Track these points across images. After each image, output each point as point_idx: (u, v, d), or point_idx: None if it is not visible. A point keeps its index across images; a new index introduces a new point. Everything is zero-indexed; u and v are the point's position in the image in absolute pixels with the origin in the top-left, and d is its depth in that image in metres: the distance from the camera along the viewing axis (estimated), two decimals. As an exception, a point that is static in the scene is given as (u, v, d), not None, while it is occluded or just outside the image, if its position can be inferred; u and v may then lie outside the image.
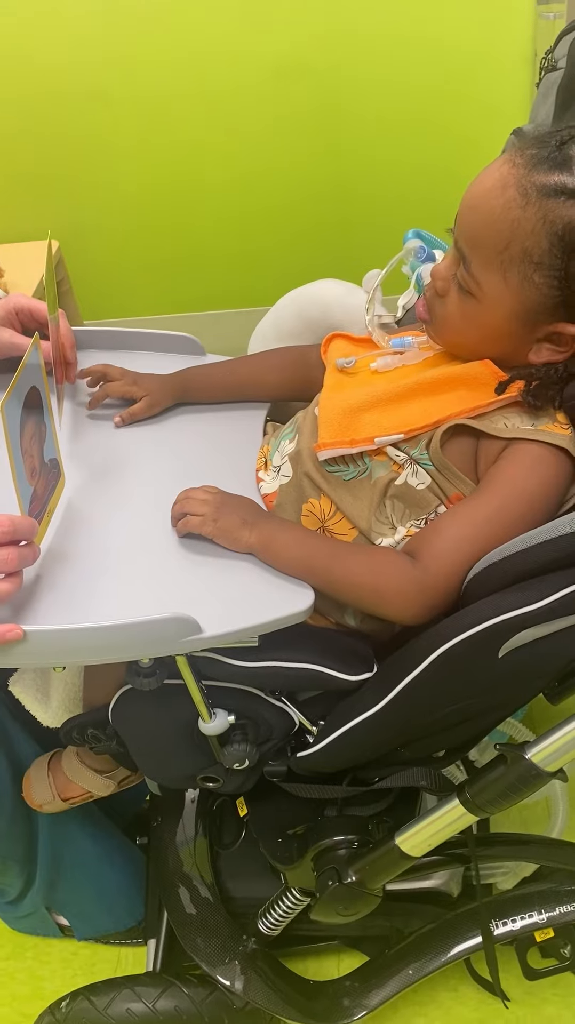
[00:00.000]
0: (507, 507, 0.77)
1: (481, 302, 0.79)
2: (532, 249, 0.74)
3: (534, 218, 0.73)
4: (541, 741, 0.79)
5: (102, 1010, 1.02)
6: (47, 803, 1.06)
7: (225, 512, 0.81)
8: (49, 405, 0.80)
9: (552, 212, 0.73)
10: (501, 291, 0.77)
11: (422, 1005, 1.29)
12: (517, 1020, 1.27)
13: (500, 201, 0.75)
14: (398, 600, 0.78)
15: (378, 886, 0.91)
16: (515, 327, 0.79)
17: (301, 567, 0.80)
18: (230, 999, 1.05)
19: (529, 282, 0.76)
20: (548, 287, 0.75)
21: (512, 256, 0.75)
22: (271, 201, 2.10)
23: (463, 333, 0.82)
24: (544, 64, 1.09)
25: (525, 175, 0.74)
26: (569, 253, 0.73)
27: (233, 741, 0.86)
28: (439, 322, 0.84)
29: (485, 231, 0.76)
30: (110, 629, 0.72)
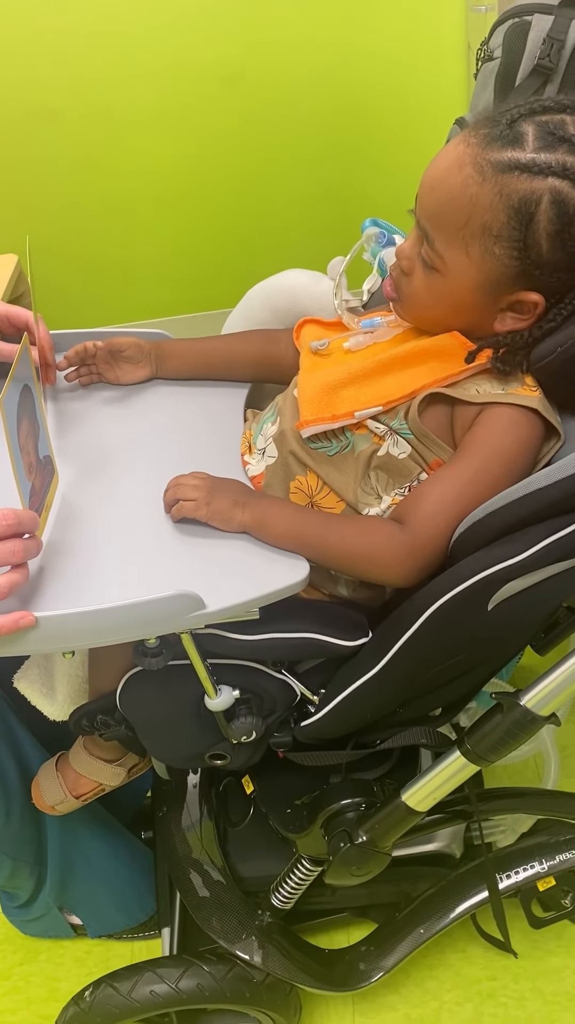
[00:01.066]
0: (486, 468, 0.81)
1: (446, 277, 0.83)
2: (491, 223, 0.79)
3: (491, 193, 0.78)
4: (533, 687, 0.83)
5: (126, 995, 1.04)
6: (60, 803, 1.08)
7: (217, 495, 0.84)
8: (41, 403, 0.83)
9: (508, 187, 0.77)
10: (464, 265, 0.82)
11: (432, 968, 1.33)
12: (525, 974, 1.32)
13: (458, 179, 0.79)
14: (390, 564, 0.82)
15: (388, 844, 0.95)
16: (480, 298, 0.83)
17: (294, 541, 0.83)
18: (250, 973, 1.08)
19: (490, 254, 0.80)
20: (508, 258, 0.80)
21: (473, 231, 0.80)
22: (221, 207, 2.14)
23: (430, 308, 0.87)
24: (480, 55, 1.14)
25: (480, 153, 0.78)
26: (526, 224, 0.78)
27: (239, 715, 0.89)
28: (407, 299, 0.88)
29: (446, 209, 0.80)
30: (118, 610, 0.74)
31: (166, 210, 2.13)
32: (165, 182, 2.08)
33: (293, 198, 2.13)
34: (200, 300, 2.23)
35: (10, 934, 1.42)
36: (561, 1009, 1.27)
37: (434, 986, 1.31)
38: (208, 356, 1.04)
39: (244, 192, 2.11)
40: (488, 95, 1.10)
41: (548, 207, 0.77)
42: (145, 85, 1.95)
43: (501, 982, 1.31)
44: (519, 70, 1.06)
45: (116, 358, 1.01)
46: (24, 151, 2.00)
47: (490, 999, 1.29)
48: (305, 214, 2.14)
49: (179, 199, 2.12)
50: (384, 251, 1.04)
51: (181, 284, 2.24)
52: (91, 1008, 1.06)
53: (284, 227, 2.16)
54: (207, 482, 0.85)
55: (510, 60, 1.07)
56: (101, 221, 2.11)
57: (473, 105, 1.15)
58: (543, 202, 0.77)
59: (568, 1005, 1.28)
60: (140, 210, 2.12)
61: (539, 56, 1.02)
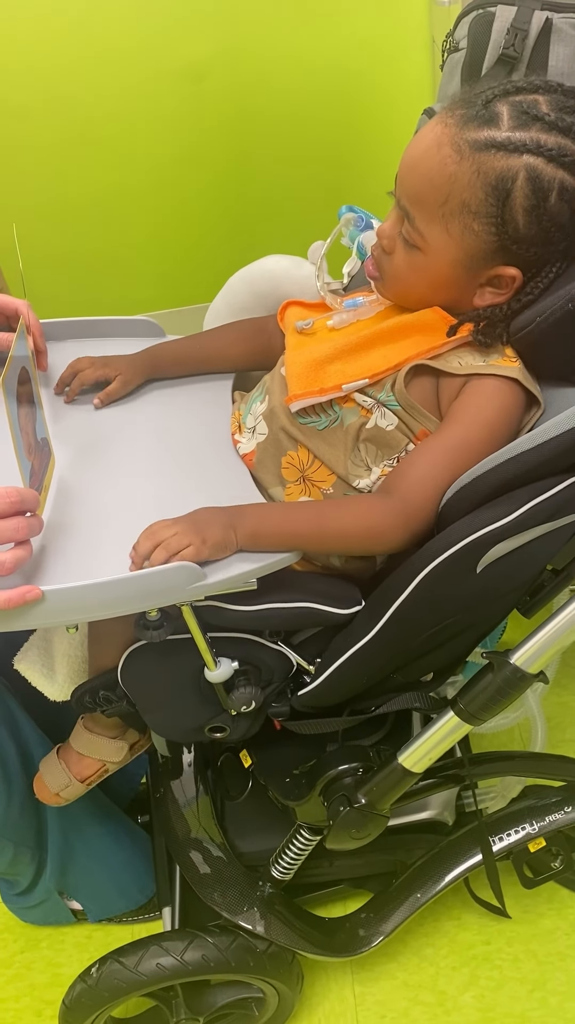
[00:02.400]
0: (470, 434, 0.85)
1: (427, 254, 0.86)
2: (469, 200, 0.82)
3: (469, 171, 0.81)
4: (522, 646, 0.87)
5: (133, 968, 1.06)
6: (65, 788, 1.09)
7: (206, 529, 0.79)
8: (36, 387, 0.85)
9: (485, 164, 0.81)
10: (445, 242, 0.85)
11: (428, 936, 1.36)
12: (518, 937, 1.35)
13: (437, 159, 0.82)
14: (388, 533, 0.85)
15: (386, 806, 0.98)
16: (460, 274, 0.87)
17: (292, 542, 0.84)
18: (253, 943, 1.10)
19: (469, 231, 0.84)
20: (487, 233, 0.83)
21: (452, 208, 0.83)
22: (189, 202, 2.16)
23: (412, 285, 0.90)
24: (446, 46, 1.17)
25: (457, 133, 0.82)
26: (503, 200, 0.81)
27: (238, 686, 0.92)
28: (388, 278, 0.91)
29: (425, 188, 0.84)
30: (122, 582, 0.77)
31: (142, 207, 2.14)
32: (139, 179, 2.10)
33: (268, 190, 2.15)
34: (180, 295, 2.25)
35: (10, 923, 1.44)
36: (554, 969, 1.31)
37: (431, 953, 1.34)
38: (205, 354, 1.06)
39: (219, 187, 2.13)
40: (455, 85, 1.13)
41: (524, 183, 0.80)
42: (116, 82, 1.97)
43: (495, 946, 1.34)
44: (485, 60, 1.09)
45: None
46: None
47: (485, 962, 1.33)
48: (281, 205, 2.16)
49: (154, 196, 2.13)
50: (363, 235, 1.07)
51: (160, 279, 2.26)
52: (98, 983, 1.08)
53: (261, 219, 2.18)
54: (184, 523, 0.80)
55: (475, 50, 1.09)
56: (76, 219, 2.12)
57: (441, 95, 1.18)
58: (519, 178, 0.80)
59: (560, 964, 1.32)
60: (115, 207, 2.13)
61: (504, 46, 1.05)
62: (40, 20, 1.88)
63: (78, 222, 2.14)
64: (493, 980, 1.31)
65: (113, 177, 2.09)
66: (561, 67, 1.03)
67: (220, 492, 0.90)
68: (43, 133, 2.01)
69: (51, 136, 2.02)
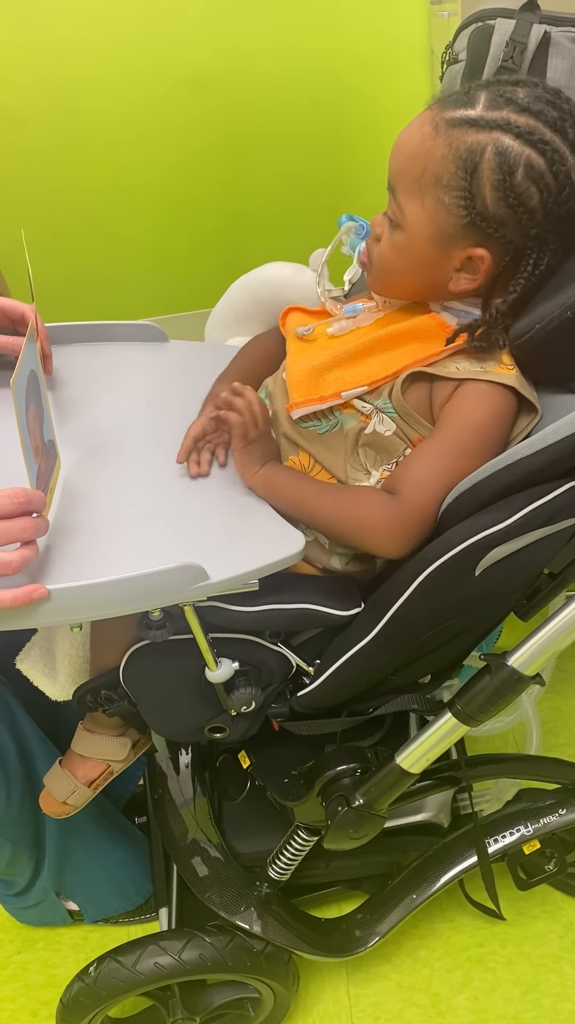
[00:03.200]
0: (462, 438, 0.87)
1: (405, 230, 0.89)
2: (442, 174, 0.85)
3: (442, 145, 0.85)
4: (519, 648, 0.88)
5: (131, 967, 1.07)
6: (71, 795, 1.10)
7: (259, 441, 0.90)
8: (44, 390, 0.86)
9: (457, 139, 0.84)
10: (419, 215, 0.88)
11: (423, 938, 1.37)
12: (511, 939, 1.37)
13: (417, 136, 0.87)
14: (381, 531, 0.86)
15: (384, 807, 0.99)
16: (433, 252, 0.89)
17: (294, 504, 0.89)
18: (250, 943, 1.11)
19: (440, 204, 0.86)
20: (456, 207, 0.86)
21: (426, 182, 0.86)
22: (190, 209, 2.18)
23: (394, 267, 0.92)
24: (446, 58, 1.19)
25: (438, 113, 0.86)
26: (470, 172, 0.84)
27: (238, 687, 0.93)
28: (376, 263, 0.94)
29: (405, 163, 0.88)
30: (126, 581, 0.78)
31: (143, 214, 2.16)
32: (141, 186, 2.12)
33: (269, 198, 2.17)
34: (181, 301, 2.27)
35: (6, 923, 1.44)
36: (547, 971, 1.33)
37: (425, 955, 1.35)
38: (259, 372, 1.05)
39: (220, 194, 2.15)
40: (453, 97, 1.15)
41: (491, 157, 0.83)
42: (118, 91, 1.98)
43: (489, 948, 1.36)
44: (484, 71, 1.10)
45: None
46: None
47: (479, 964, 1.34)
48: (281, 213, 2.19)
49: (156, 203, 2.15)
50: (363, 243, 1.08)
51: (161, 286, 2.27)
52: (96, 982, 1.08)
53: (261, 226, 2.20)
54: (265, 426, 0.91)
55: (475, 62, 1.11)
56: (77, 225, 2.14)
57: (440, 106, 1.20)
58: (487, 152, 0.83)
59: (554, 967, 1.33)
60: (117, 214, 2.15)
61: (502, 58, 1.06)
62: (41, 29, 1.90)
63: (80, 228, 2.16)
64: (487, 982, 1.32)
65: (115, 184, 2.10)
66: (559, 80, 1.05)
67: (225, 494, 0.91)
68: (44, 141, 2.02)
69: (52, 144, 2.03)
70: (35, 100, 1.98)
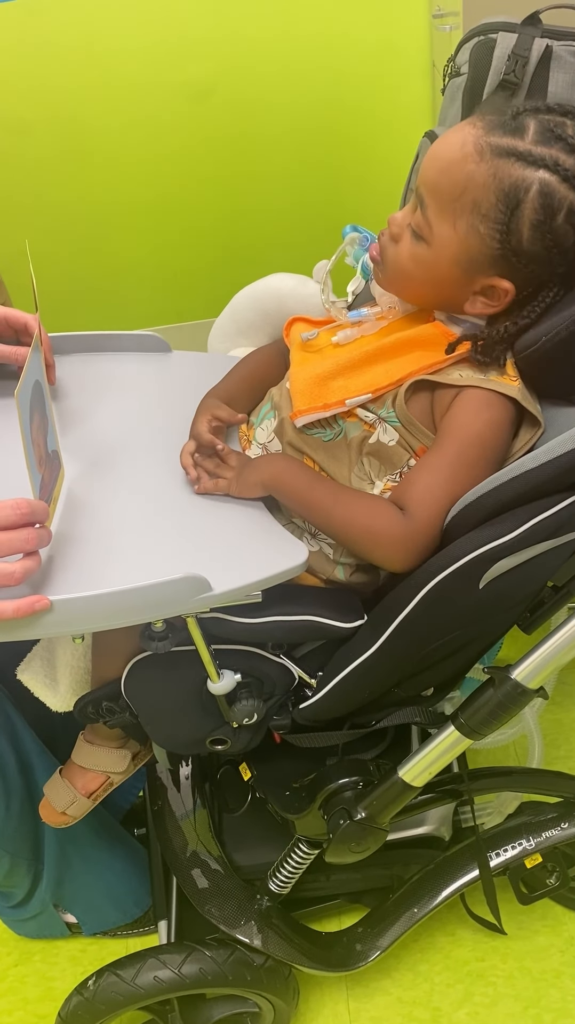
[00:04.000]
0: (463, 451, 0.86)
1: (430, 245, 0.88)
2: (481, 201, 0.84)
3: (486, 173, 0.83)
4: (523, 661, 0.88)
5: (130, 981, 1.06)
6: (70, 805, 1.10)
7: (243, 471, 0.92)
8: (48, 400, 0.86)
9: (502, 170, 0.83)
10: (449, 236, 0.87)
11: (423, 952, 1.37)
12: (512, 954, 1.36)
13: (459, 155, 0.84)
14: (388, 543, 0.86)
15: (386, 820, 0.99)
16: (456, 274, 0.88)
17: (304, 503, 0.89)
18: (250, 957, 1.11)
19: (474, 231, 0.85)
20: (490, 239, 0.85)
21: (463, 205, 0.85)
22: (193, 220, 2.18)
23: (410, 276, 0.92)
24: (448, 71, 1.19)
25: (483, 135, 0.84)
26: (512, 209, 0.83)
27: (240, 698, 0.93)
28: (390, 264, 0.93)
29: (443, 179, 0.86)
30: (129, 592, 0.77)
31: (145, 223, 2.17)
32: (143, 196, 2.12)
33: (271, 209, 2.18)
34: (183, 311, 2.27)
35: (3, 936, 1.43)
36: (548, 986, 1.32)
37: (425, 969, 1.35)
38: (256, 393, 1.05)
39: (222, 204, 2.16)
40: (456, 109, 1.15)
41: (535, 196, 0.82)
42: (120, 101, 1.99)
43: (490, 963, 1.35)
44: (486, 85, 1.11)
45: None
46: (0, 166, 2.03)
47: (480, 979, 1.33)
48: (284, 223, 2.19)
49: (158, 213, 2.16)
50: (367, 254, 1.09)
51: (164, 296, 2.28)
52: (95, 996, 1.08)
53: (263, 237, 2.20)
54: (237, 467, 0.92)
55: (477, 76, 1.11)
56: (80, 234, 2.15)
57: (442, 119, 1.20)
58: (532, 191, 0.82)
59: (555, 982, 1.32)
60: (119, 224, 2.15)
61: (504, 72, 1.07)
62: (44, 38, 1.91)
63: (83, 238, 2.17)
64: (487, 997, 1.31)
65: (118, 194, 2.11)
66: (561, 93, 1.05)
67: (228, 505, 0.91)
68: (47, 150, 2.03)
69: (56, 153, 2.04)
70: (38, 110, 1.99)
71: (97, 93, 1.98)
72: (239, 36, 1.95)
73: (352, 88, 2.04)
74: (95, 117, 2.01)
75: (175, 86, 1.99)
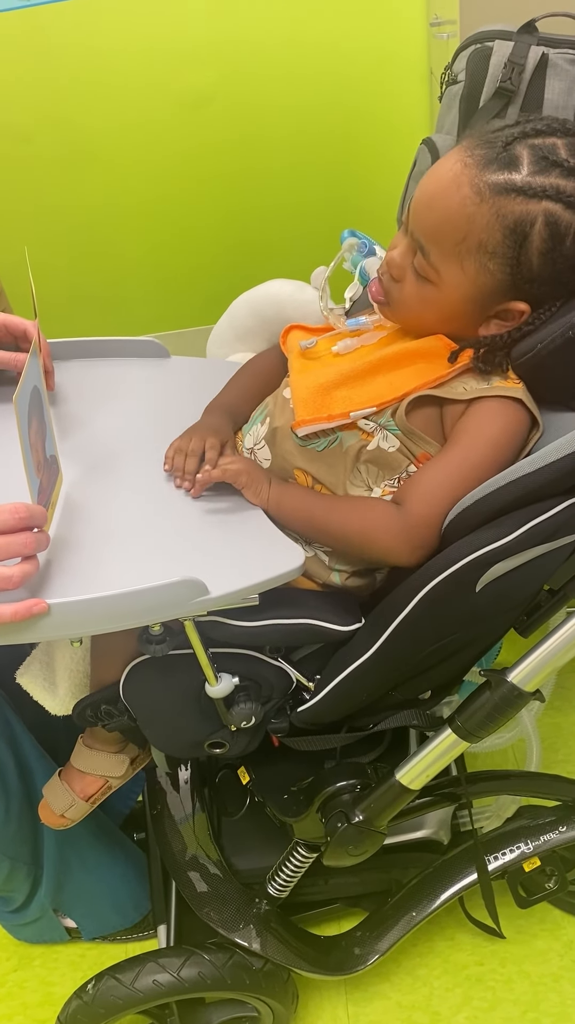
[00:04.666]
0: (474, 452, 0.87)
1: (439, 288, 0.89)
2: (487, 241, 0.84)
3: (488, 214, 0.83)
4: (519, 664, 0.88)
5: (129, 985, 1.06)
6: (69, 808, 1.10)
7: (255, 469, 0.92)
8: (47, 405, 0.86)
9: (504, 208, 0.83)
10: (459, 278, 0.87)
11: (422, 956, 1.37)
12: (511, 957, 1.36)
13: (456, 199, 0.84)
14: (386, 539, 0.87)
15: (383, 823, 0.99)
16: (470, 308, 0.89)
17: (303, 520, 0.90)
18: (249, 961, 1.11)
19: (484, 269, 0.86)
20: (502, 273, 0.86)
21: (469, 247, 0.85)
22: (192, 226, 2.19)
23: (420, 314, 0.92)
24: (445, 79, 1.20)
25: (477, 174, 0.84)
26: (520, 243, 0.84)
27: (238, 702, 0.93)
28: (397, 304, 0.93)
29: (443, 226, 0.86)
30: (127, 596, 0.78)
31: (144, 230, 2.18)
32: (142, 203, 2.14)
33: (269, 215, 2.19)
34: (182, 317, 2.28)
35: (3, 941, 1.43)
36: (547, 990, 1.32)
37: (424, 973, 1.34)
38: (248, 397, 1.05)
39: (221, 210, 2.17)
40: (453, 116, 1.16)
41: (542, 228, 0.83)
42: (120, 107, 2.01)
43: (489, 967, 1.35)
44: (482, 92, 1.11)
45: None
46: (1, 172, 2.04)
47: (478, 983, 1.33)
48: (282, 230, 2.21)
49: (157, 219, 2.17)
50: (365, 260, 1.10)
51: (162, 301, 2.29)
52: (94, 1000, 1.08)
53: (262, 243, 2.22)
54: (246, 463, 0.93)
55: (473, 83, 1.12)
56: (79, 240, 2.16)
57: (439, 126, 1.21)
58: (537, 223, 0.83)
59: (554, 986, 1.32)
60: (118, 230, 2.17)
61: (501, 79, 1.07)
62: (45, 46, 1.92)
63: (82, 243, 2.18)
64: (486, 1001, 1.31)
65: (116, 200, 2.12)
66: (556, 100, 1.06)
67: (225, 509, 0.92)
68: (47, 157, 2.05)
69: (55, 160, 2.05)
70: (38, 117, 2.00)
71: (97, 100, 2.00)
72: (239, 43, 1.96)
73: (351, 95, 2.05)
74: (95, 123, 2.02)
75: (175, 93, 2.01)
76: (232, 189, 2.15)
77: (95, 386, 1.08)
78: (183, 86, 2.00)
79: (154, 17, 1.91)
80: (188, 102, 2.02)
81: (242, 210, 2.18)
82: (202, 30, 1.94)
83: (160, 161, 2.09)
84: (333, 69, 2.02)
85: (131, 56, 1.95)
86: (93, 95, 1.99)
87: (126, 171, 2.09)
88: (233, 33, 1.95)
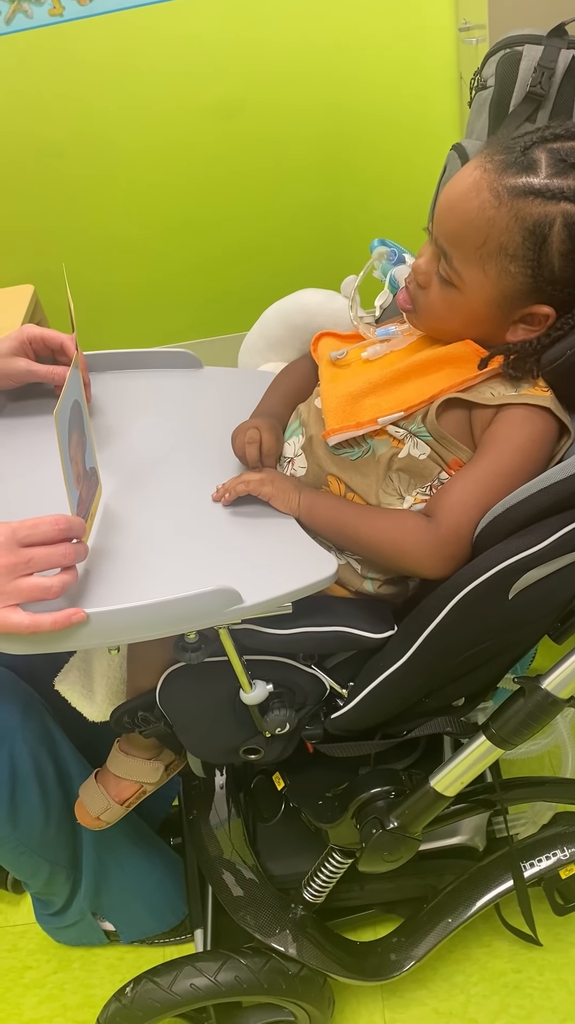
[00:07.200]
0: (504, 462, 0.87)
1: (463, 292, 0.89)
2: (507, 244, 0.85)
3: (507, 216, 0.84)
4: (553, 671, 0.88)
5: (167, 988, 1.08)
6: (104, 811, 1.12)
7: (279, 478, 0.94)
8: (88, 418, 0.88)
9: (523, 210, 0.83)
10: (481, 282, 0.88)
11: (459, 963, 1.36)
12: (549, 965, 1.35)
13: (475, 203, 0.85)
14: (416, 552, 0.87)
15: (418, 829, 0.99)
16: (494, 312, 0.89)
17: (334, 529, 0.91)
18: (285, 966, 1.11)
19: (506, 272, 0.86)
20: (523, 275, 0.86)
21: (490, 251, 0.86)
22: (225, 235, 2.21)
23: (446, 320, 0.93)
24: (474, 84, 1.20)
25: (496, 179, 0.84)
26: (539, 245, 0.84)
27: (272, 708, 0.94)
28: (423, 311, 0.94)
29: (464, 230, 0.86)
30: (163, 604, 0.79)
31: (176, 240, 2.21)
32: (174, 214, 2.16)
33: (299, 223, 2.21)
34: (213, 325, 2.31)
35: (43, 943, 1.46)
36: (585, 999, 1.31)
37: (461, 980, 1.34)
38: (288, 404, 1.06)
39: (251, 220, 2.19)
40: (483, 121, 1.16)
41: (561, 229, 0.83)
42: (150, 120, 2.04)
43: (526, 974, 1.34)
44: (512, 97, 1.12)
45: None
46: (35, 186, 2.08)
47: (516, 991, 1.33)
48: (311, 238, 2.22)
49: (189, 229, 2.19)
50: (395, 268, 1.10)
51: (194, 310, 2.31)
52: (133, 1003, 1.09)
53: (292, 252, 2.23)
54: (269, 473, 0.95)
55: (503, 88, 1.12)
56: (112, 252, 2.19)
57: (469, 131, 1.21)
58: (556, 224, 0.83)
59: (592, 994, 1.31)
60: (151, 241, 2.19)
61: (531, 84, 1.07)
62: (76, 62, 1.95)
63: (115, 255, 2.21)
64: (524, 1009, 1.31)
65: (148, 212, 2.15)
66: (587, 104, 1.06)
67: (259, 518, 0.93)
68: (79, 171, 2.08)
69: (87, 174, 2.09)
70: (70, 133, 2.03)
71: (127, 115, 2.03)
72: (267, 51, 1.98)
73: (380, 102, 2.06)
74: (125, 138, 2.05)
75: (204, 106, 2.03)
76: (262, 199, 2.17)
77: (130, 397, 1.10)
78: (212, 97, 2.02)
79: (180, 33, 1.94)
80: (217, 112, 2.05)
81: (271, 220, 2.20)
82: (229, 43, 1.96)
83: (190, 172, 2.12)
84: (362, 75, 2.03)
85: (160, 71, 1.98)
86: (123, 110, 2.02)
87: (156, 183, 2.12)
88: (261, 42, 1.97)
